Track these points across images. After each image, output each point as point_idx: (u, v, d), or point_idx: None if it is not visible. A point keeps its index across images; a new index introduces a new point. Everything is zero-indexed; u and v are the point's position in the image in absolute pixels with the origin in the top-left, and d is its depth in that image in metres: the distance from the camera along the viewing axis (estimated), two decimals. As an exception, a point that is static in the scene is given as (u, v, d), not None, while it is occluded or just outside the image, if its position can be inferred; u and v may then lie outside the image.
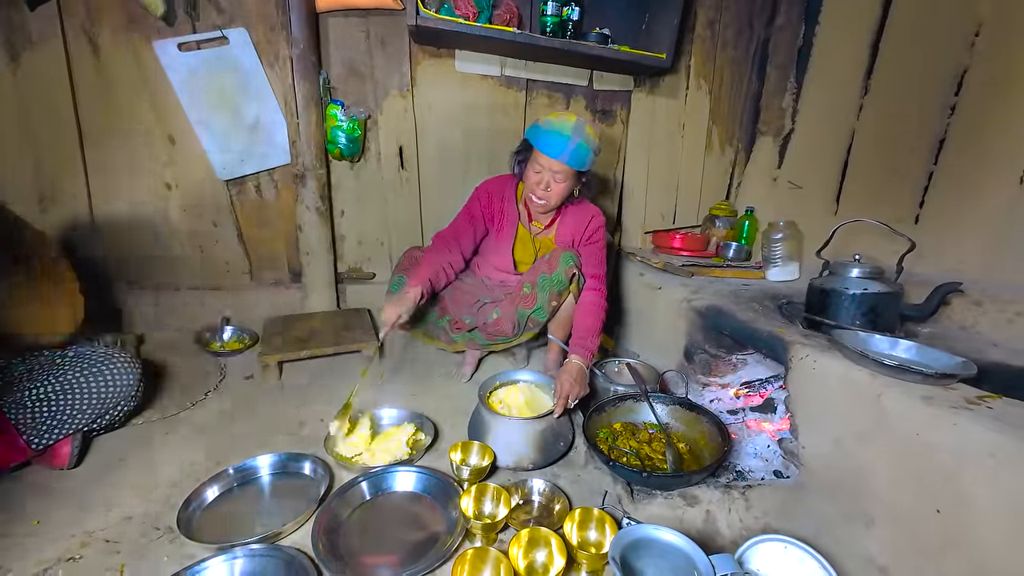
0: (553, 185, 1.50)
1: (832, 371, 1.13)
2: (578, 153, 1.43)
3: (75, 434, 1.16)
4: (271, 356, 1.67)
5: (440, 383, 1.76)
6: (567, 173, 1.48)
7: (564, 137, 1.41)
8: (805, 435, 1.21)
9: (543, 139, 1.44)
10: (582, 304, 1.57)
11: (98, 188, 1.86)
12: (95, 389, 1.16)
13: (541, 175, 1.49)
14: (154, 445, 1.30)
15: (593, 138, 1.47)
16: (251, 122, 1.88)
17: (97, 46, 1.73)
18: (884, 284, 1.37)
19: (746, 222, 2.31)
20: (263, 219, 2.05)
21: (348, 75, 1.95)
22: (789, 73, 2.25)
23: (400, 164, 2.10)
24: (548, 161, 1.45)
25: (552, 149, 1.43)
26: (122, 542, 0.98)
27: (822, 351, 1.19)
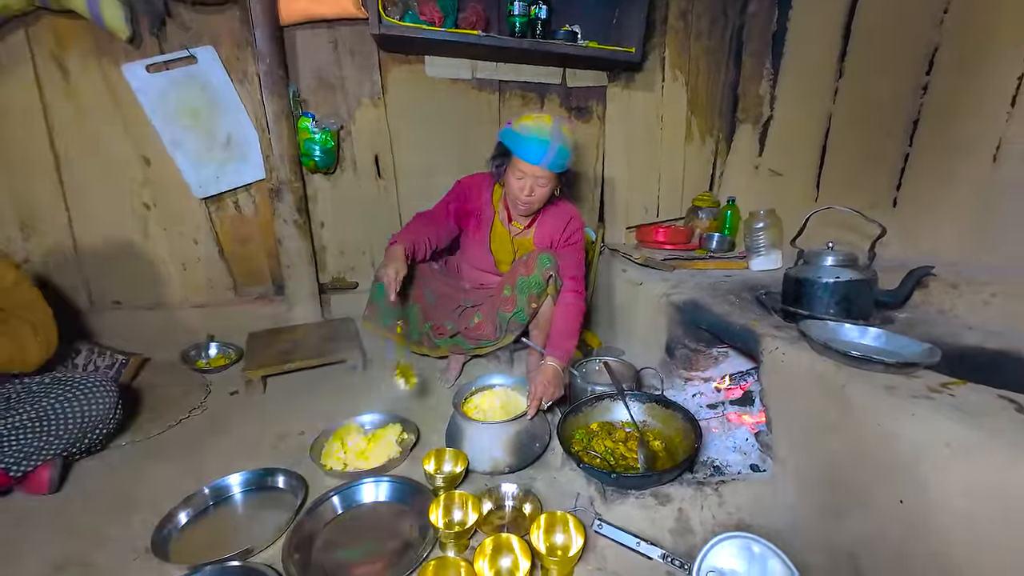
0: (537, 190, 1.49)
1: (800, 363, 1.12)
2: (559, 157, 1.43)
3: (54, 459, 1.17)
4: (254, 371, 1.68)
5: (423, 391, 1.77)
6: (549, 177, 1.47)
7: (544, 143, 1.40)
8: (778, 428, 1.21)
9: (522, 146, 1.42)
10: (559, 306, 1.57)
11: (77, 212, 1.88)
12: (71, 414, 1.18)
13: (524, 181, 1.48)
14: (136, 466, 1.32)
15: (570, 138, 1.46)
16: (224, 139, 1.89)
17: (67, 71, 1.75)
18: (857, 271, 1.36)
19: (728, 212, 2.30)
20: (243, 234, 2.06)
21: (318, 87, 1.95)
22: (765, 59, 2.23)
23: (377, 173, 2.10)
24: (530, 168, 1.44)
25: (533, 156, 1.41)
26: (98, 565, 1.00)
27: (791, 343, 1.19)
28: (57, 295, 1.91)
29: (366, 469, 1.24)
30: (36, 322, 1.21)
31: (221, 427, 1.52)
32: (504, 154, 1.52)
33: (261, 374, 1.70)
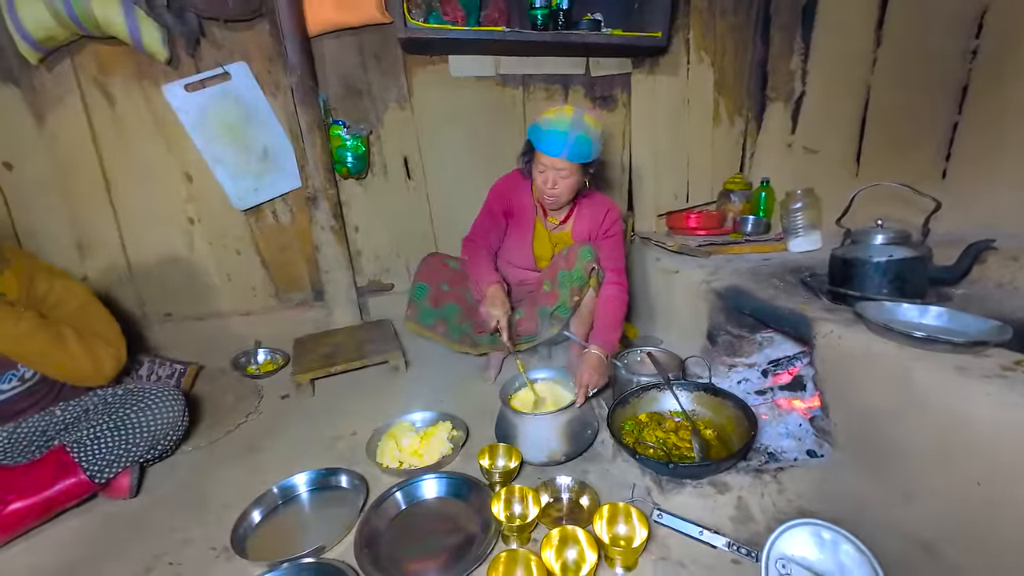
0: (560, 182, 1.49)
1: (858, 346, 1.10)
2: (578, 146, 1.42)
3: (132, 466, 1.24)
4: (303, 375, 1.74)
5: (465, 386, 1.80)
6: (571, 168, 1.47)
7: (562, 134, 1.40)
8: (836, 412, 1.19)
9: (542, 139, 1.43)
10: (602, 297, 1.57)
11: (128, 231, 1.97)
12: (146, 422, 1.24)
13: (546, 174, 1.48)
14: (203, 469, 1.39)
15: (594, 127, 1.45)
16: (260, 152, 1.95)
17: (111, 97, 1.82)
18: (910, 248, 1.32)
19: (762, 193, 2.24)
20: (282, 243, 2.12)
21: (346, 94, 1.98)
22: (795, 33, 2.15)
23: (406, 175, 2.13)
24: (550, 160, 1.44)
25: (551, 147, 1.42)
26: (184, 564, 1.06)
27: (847, 326, 1.16)
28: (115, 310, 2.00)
29: (421, 467, 1.27)
30: (108, 338, 1.28)
31: (277, 430, 1.58)
32: (530, 149, 1.53)
33: (309, 377, 1.76)
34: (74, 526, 1.19)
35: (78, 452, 1.15)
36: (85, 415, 1.29)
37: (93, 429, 1.18)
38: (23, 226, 1.87)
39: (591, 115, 1.46)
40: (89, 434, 1.18)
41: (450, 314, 1.72)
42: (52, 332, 1.15)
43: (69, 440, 1.17)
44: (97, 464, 1.17)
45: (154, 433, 1.26)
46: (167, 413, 1.28)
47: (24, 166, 1.82)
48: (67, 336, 1.18)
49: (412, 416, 1.51)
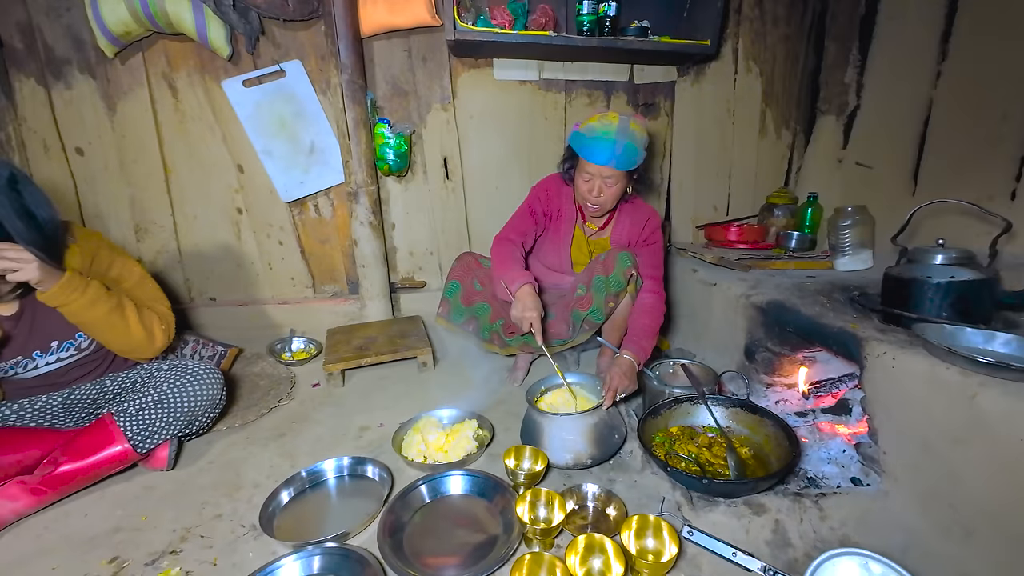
0: (605, 190, 1.47)
1: (915, 369, 1.03)
2: (626, 154, 1.40)
3: (172, 439, 1.29)
4: (334, 365, 1.78)
5: (493, 387, 1.79)
6: (617, 176, 1.45)
7: (610, 141, 1.38)
8: (887, 439, 1.11)
9: (588, 147, 1.42)
10: (639, 305, 1.54)
11: (181, 216, 2.07)
12: (187, 398, 1.29)
13: (592, 182, 1.47)
14: (236, 448, 1.43)
15: (640, 134, 1.43)
16: (307, 146, 2.02)
17: (176, 89, 1.93)
18: (975, 270, 1.23)
19: (808, 209, 2.16)
20: (322, 235, 2.18)
21: (393, 94, 2.04)
22: (851, 45, 2.08)
23: (445, 175, 2.16)
24: (597, 168, 1.43)
25: (599, 156, 1.40)
26: (214, 538, 1.08)
27: (902, 347, 1.09)
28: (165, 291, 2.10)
29: (446, 463, 1.27)
30: (161, 313, 1.34)
31: (307, 416, 1.62)
32: (573, 156, 1.52)
33: (340, 367, 1.79)
34: (116, 491, 1.24)
35: (124, 422, 1.20)
36: (132, 387, 1.35)
37: (139, 400, 1.24)
38: (89, 208, 2.00)
39: (636, 121, 1.45)
40: (135, 405, 1.23)
41: (481, 313, 1.72)
42: (114, 302, 1.21)
43: (116, 410, 1.22)
44: (140, 435, 1.22)
45: (194, 409, 1.31)
46: (207, 391, 1.33)
47: (94, 152, 1.94)
48: (127, 307, 1.24)
49: (439, 412, 1.51)
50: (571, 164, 1.54)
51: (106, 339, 1.25)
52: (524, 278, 1.43)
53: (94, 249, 1.27)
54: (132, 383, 1.36)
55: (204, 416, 1.36)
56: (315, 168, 2.05)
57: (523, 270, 1.49)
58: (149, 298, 1.34)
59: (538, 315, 1.38)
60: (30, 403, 1.27)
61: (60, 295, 1.11)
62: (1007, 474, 0.84)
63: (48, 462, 1.18)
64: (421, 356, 1.88)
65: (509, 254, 1.52)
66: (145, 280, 1.36)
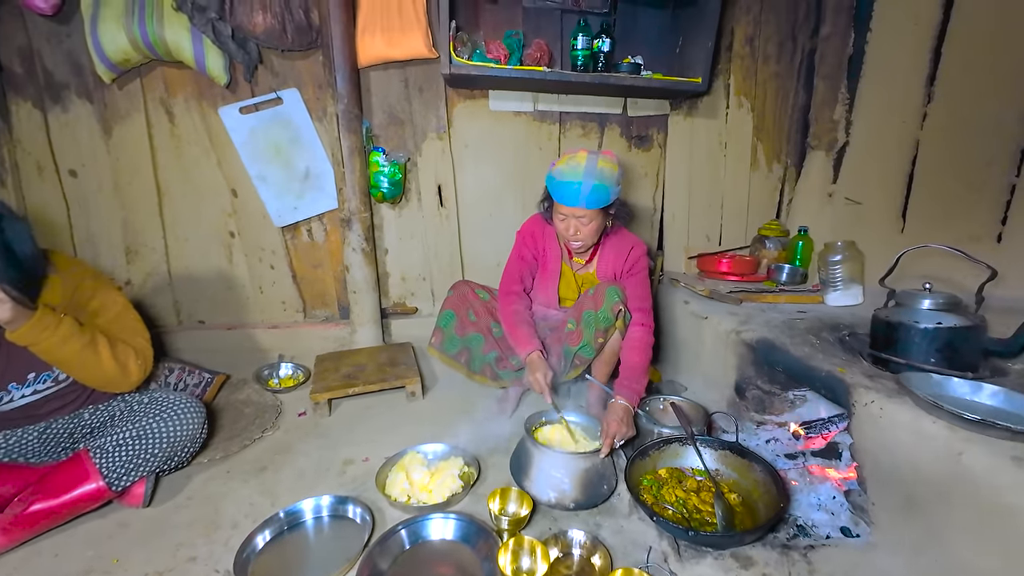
0: (582, 228, 1.49)
1: (902, 420, 1.02)
2: (595, 195, 1.40)
3: (149, 475, 1.26)
4: (321, 394, 1.75)
5: (481, 419, 1.76)
6: (591, 215, 1.46)
7: (577, 184, 1.39)
8: (875, 489, 1.10)
9: (558, 190, 1.44)
10: (628, 341, 1.54)
11: (173, 240, 2.07)
12: (166, 433, 1.27)
13: (567, 222, 1.49)
14: (216, 483, 1.40)
15: (610, 171, 1.43)
16: (302, 173, 2.03)
17: (172, 114, 1.94)
18: (961, 317, 1.24)
19: (800, 242, 2.18)
20: (314, 260, 2.18)
21: (388, 122, 2.06)
22: (840, 83, 2.12)
23: (439, 202, 2.17)
24: (569, 209, 1.45)
25: (568, 198, 1.42)
26: (186, 583, 1.05)
27: (889, 396, 1.09)
28: (153, 314, 2.09)
29: (430, 505, 1.24)
30: (137, 347, 1.32)
31: (291, 448, 1.59)
32: (548, 198, 1.55)
33: (327, 397, 1.77)
34: (89, 529, 1.20)
35: (100, 458, 1.18)
36: (111, 420, 1.33)
37: (116, 436, 1.21)
38: (80, 230, 1.99)
39: (605, 158, 1.44)
40: (112, 440, 1.20)
41: (474, 344, 1.71)
42: (86, 339, 1.19)
43: (92, 445, 1.19)
44: (116, 472, 1.19)
45: (173, 444, 1.28)
46: (187, 426, 1.30)
47: (87, 175, 1.95)
48: (99, 343, 1.22)
49: (424, 448, 1.49)
50: (549, 204, 1.56)
51: (78, 375, 1.23)
52: (532, 345, 1.50)
53: (77, 279, 1.26)
54: (111, 416, 1.33)
55: (184, 451, 1.33)
56: (309, 194, 2.05)
57: (530, 335, 1.54)
58: (128, 331, 1.32)
59: (546, 377, 1.42)
60: (4, 437, 1.24)
61: (29, 334, 1.10)
62: (988, 531, 0.83)
63: (20, 499, 1.14)
64: (410, 385, 1.86)
65: (516, 316, 1.60)
66: (126, 312, 1.34)
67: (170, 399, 1.33)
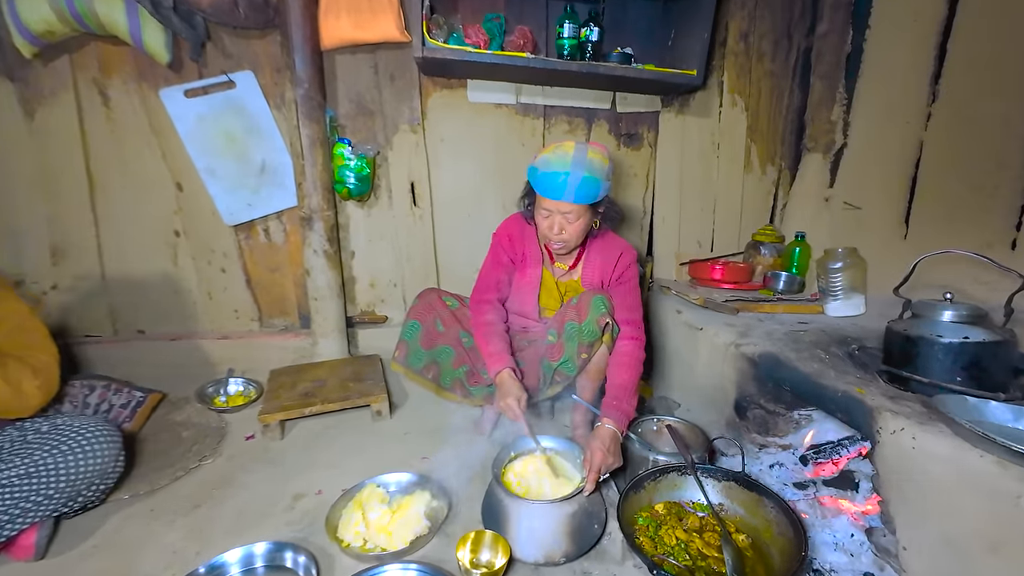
0: (567, 226, 1.32)
1: (940, 453, 0.88)
2: (584, 188, 1.24)
3: (43, 521, 1.04)
4: (272, 415, 1.54)
5: (455, 441, 1.58)
6: (578, 211, 1.29)
7: (563, 175, 1.23)
8: (905, 530, 0.95)
9: (542, 182, 1.26)
10: (617, 357, 1.37)
11: (108, 238, 1.83)
12: (67, 470, 1.05)
13: (551, 219, 1.31)
14: (135, 525, 1.18)
15: (600, 163, 1.27)
16: (258, 166, 1.82)
17: (107, 97, 1.72)
18: (989, 331, 1.11)
19: (796, 248, 2.06)
20: (272, 263, 1.96)
21: (356, 112, 1.87)
22: (837, 83, 2.02)
23: (412, 201, 1.99)
24: (554, 204, 1.27)
25: (553, 191, 1.25)
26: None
27: (921, 423, 0.94)
28: (84, 323, 1.85)
29: (389, 553, 1.05)
30: (38, 365, 1.10)
31: (233, 479, 1.37)
32: (530, 193, 1.38)
33: (279, 418, 1.55)
34: (-42, 594, 0.97)
35: (-25, 503, 0.95)
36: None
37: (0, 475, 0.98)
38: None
39: (595, 149, 1.29)
40: (-5, 480, 0.98)
41: (443, 357, 1.52)
42: None
43: (-31, 486, 0.97)
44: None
45: (76, 482, 1.06)
46: (96, 458, 1.08)
47: (7, 161, 1.70)
48: None
49: (386, 479, 1.29)
50: (530, 200, 1.39)
51: None
52: (502, 363, 1.32)
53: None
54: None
55: (91, 489, 1.11)
56: (265, 189, 1.85)
57: (502, 351, 1.36)
58: (26, 345, 1.10)
59: (518, 400, 1.25)
60: None
61: None
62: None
63: None
64: (375, 404, 1.66)
65: (489, 328, 1.41)
66: (25, 323, 1.12)
67: (76, 425, 1.10)
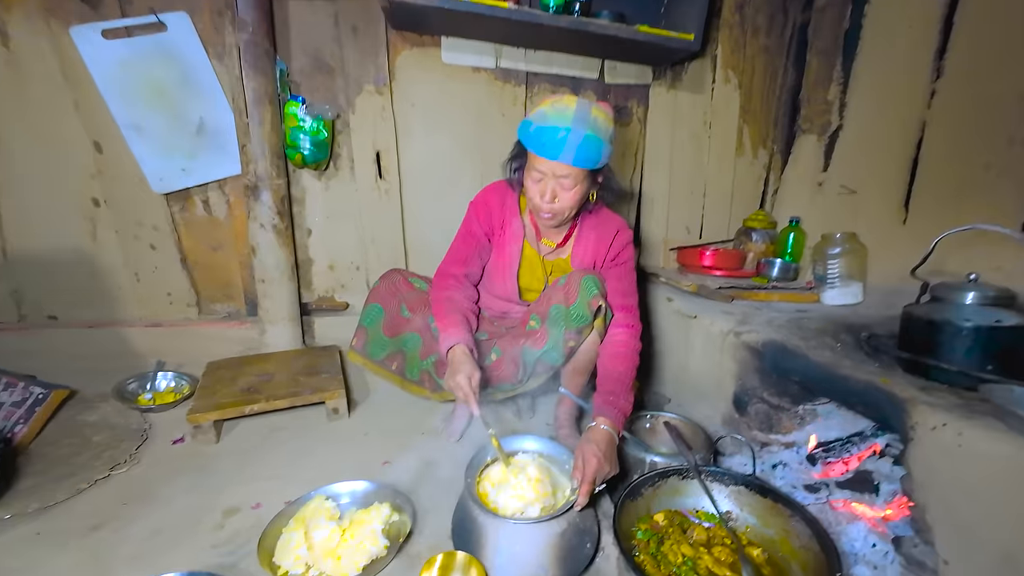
0: (561, 193, 1.13)
1: (999, 453, 0.74)
2: (586, 148, 1.06)
3: None
4: (203, 413, 1.30)
5: (422, 443, 1.38)
6: (576, 176, 1.11)
7: (563, 130, 1.05)
8: (948, 542, 0.82)
9: (538, 138, 1.08)
10: (610, 346, 1.20)
11: (11, 207, 1.54)
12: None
13: (543, 183, 1.12)
14: (12, 554, 0.93)
15: (605, 123, 1.10)
16: (194, 125, 1.57)
17: (6, 36, 1.44)
18: (1020, 315, 1.00)
19: (791, 234, 1.95)
20: (213, 240, 1.71)
21: (313, 68, 1.64)
22: (835, 61, 1.92)
23: (378, 172, 1.77)
24: (549, 165, 1.09)
25: (550, 149, 1.06)
26: None
27: (968, 419, 0.81)
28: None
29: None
30: None
31: (151, 493, 1.14)
32: (521, 152, 1.18)
33: (214, 417, 1.32)
34: None
35: None
36: None
37: None
38: None
39: (600, 107, 1.11)
40: None
41: (409, 346, 1.32)
42: None
43: None
44: None
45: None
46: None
47: None
48: None
49: (337, 489, 1.09)
50: (519, 162, 1.20)
51: None
52: (456, 337, 1.12)
53: None
54: None
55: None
56: (204, 153, 1.59)
57: (457, 325, 1.16)
58: None
59: (468, 378, 1.04)
60: None
61: None
62: None
63: None
64: (331, 400, 1.44)
65: (449, 304, 1.22)
66: None
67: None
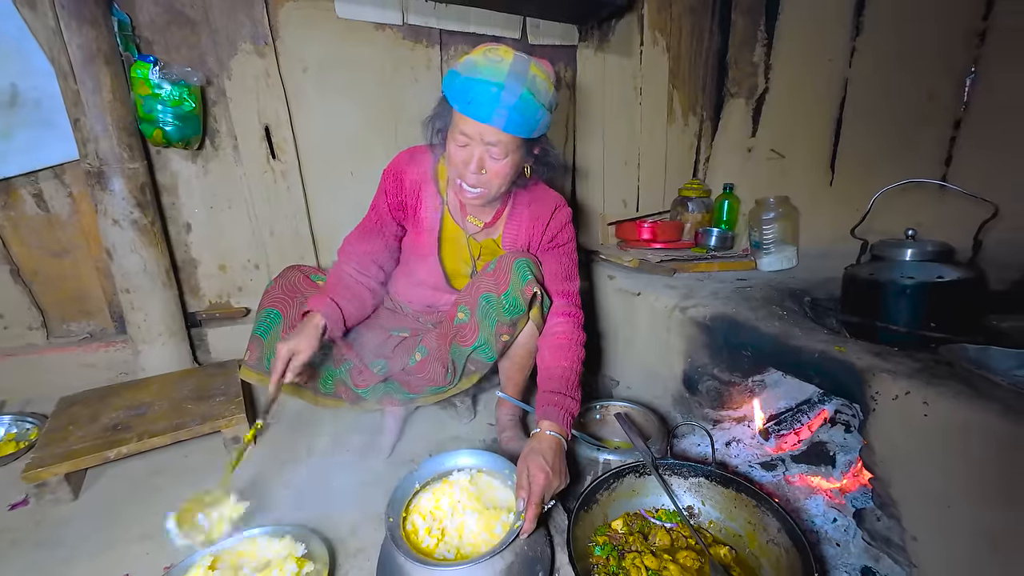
0: (489, 163, 0.94)
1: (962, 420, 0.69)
2: (521, 111, 0.88)
3: None
4: (47, 467, 1.01)
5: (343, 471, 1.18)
6: (508, 144, 0.92)
7: (496, 86, 0.86)
8: (915, 518, 0.77)
9: (464, 92, 0.88)
10: (550, 338, 1.05)
11: None
12: None
13: (469, 148, 0.93)
14: None
15: (545, 84, 0.92)
16: (6, 96, 1.20)
17: None
18: (962, 268, 0.98)
19: (725, 202, 1.92)
20: (55, 245, 1.36)
21: (168, 20, 1.32)
22: (759, 20, 1.88)
23: (269, 152, 1.48)
24: (477, 128, 0.90)
25: (478, 108, 0.87)
26: None
27: (931, 385, 0.75)
28: None
29: None
30: None
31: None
32: (446, 111, 0.97)
33: (64, 471, 1.03)
34: None
35: None
36: None
37: None
38: None
39: (540, 66, 0.93)
40: None
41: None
42: None
43: None
44: None
45: None
46: None
47: None
48: None
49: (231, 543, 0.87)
50: (442, 122, 0.99)
51: None
52: (319, 306, 1.01)
53: None
54: None
55: None
56: (23, 133, 1.24)
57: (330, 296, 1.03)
58: None
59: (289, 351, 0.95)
60: None
61: None
62: None
63: None
64: (228, 429, 1.19)
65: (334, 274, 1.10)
66: None
67: None
